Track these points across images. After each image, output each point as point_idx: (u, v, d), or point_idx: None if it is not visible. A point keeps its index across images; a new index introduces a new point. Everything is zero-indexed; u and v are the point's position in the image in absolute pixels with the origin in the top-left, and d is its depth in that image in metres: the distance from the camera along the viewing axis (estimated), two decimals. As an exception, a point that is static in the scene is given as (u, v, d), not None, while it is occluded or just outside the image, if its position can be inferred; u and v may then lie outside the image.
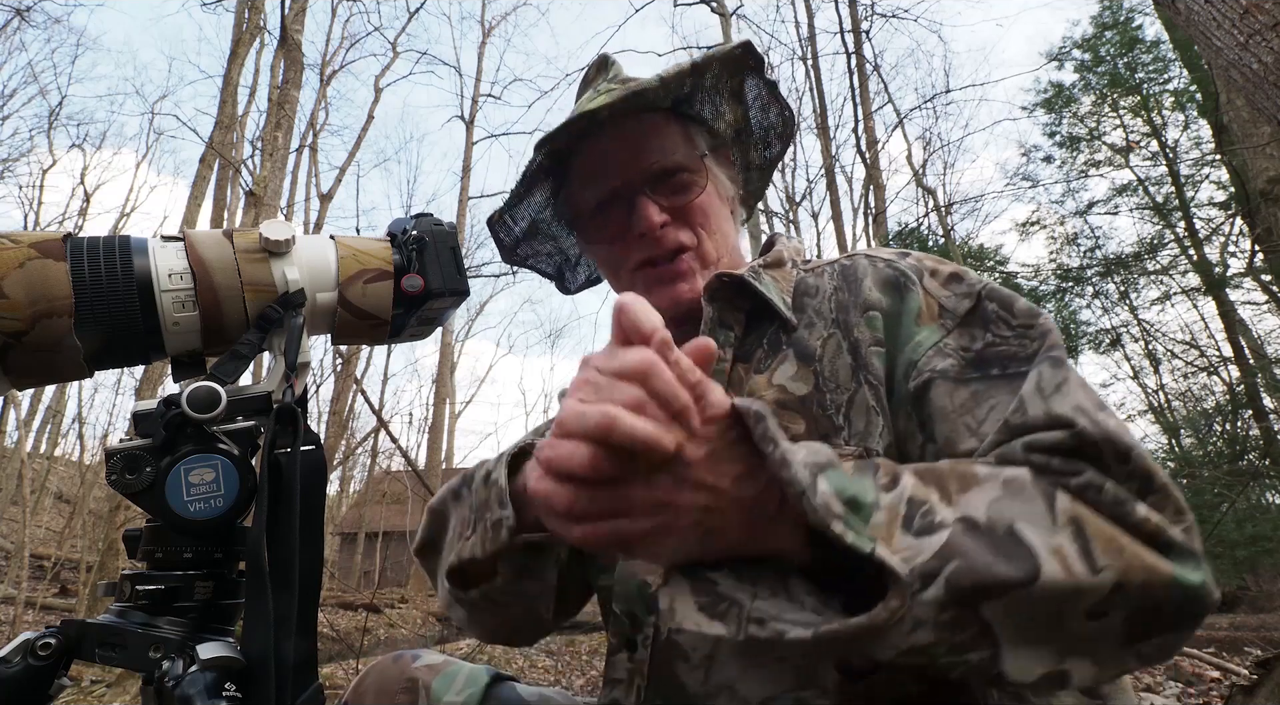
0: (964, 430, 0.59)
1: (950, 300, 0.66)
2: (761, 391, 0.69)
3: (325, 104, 17.72)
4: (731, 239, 0.83)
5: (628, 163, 0.78)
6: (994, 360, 0.61)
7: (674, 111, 0.82)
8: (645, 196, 0.77)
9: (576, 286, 1.03)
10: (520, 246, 0.95)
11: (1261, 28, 2.27)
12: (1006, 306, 0.63)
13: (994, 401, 0.58)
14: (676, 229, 0.78)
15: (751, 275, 0.74)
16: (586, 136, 0.80)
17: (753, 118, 0.87)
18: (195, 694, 0.48)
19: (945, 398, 0.61)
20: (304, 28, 7.92)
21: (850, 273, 0.73)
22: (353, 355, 14.08)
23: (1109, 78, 12.78)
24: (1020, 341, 0.61)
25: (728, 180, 0.85)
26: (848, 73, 9.33)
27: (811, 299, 0.74)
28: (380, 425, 17.69)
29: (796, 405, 0.67)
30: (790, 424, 0.66)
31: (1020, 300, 0.64)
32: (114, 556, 6.47)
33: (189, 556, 0.56)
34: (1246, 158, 5.54)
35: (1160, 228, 12.36)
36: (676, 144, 0.80)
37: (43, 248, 0.54)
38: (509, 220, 0.90)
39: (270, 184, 7.18)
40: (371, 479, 22.54)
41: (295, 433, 0.57)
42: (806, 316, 0.72)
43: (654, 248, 0.78)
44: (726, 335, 0.73)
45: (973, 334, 0.63)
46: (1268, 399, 8.49)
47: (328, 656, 6.19)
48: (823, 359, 0.68)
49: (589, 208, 0.82)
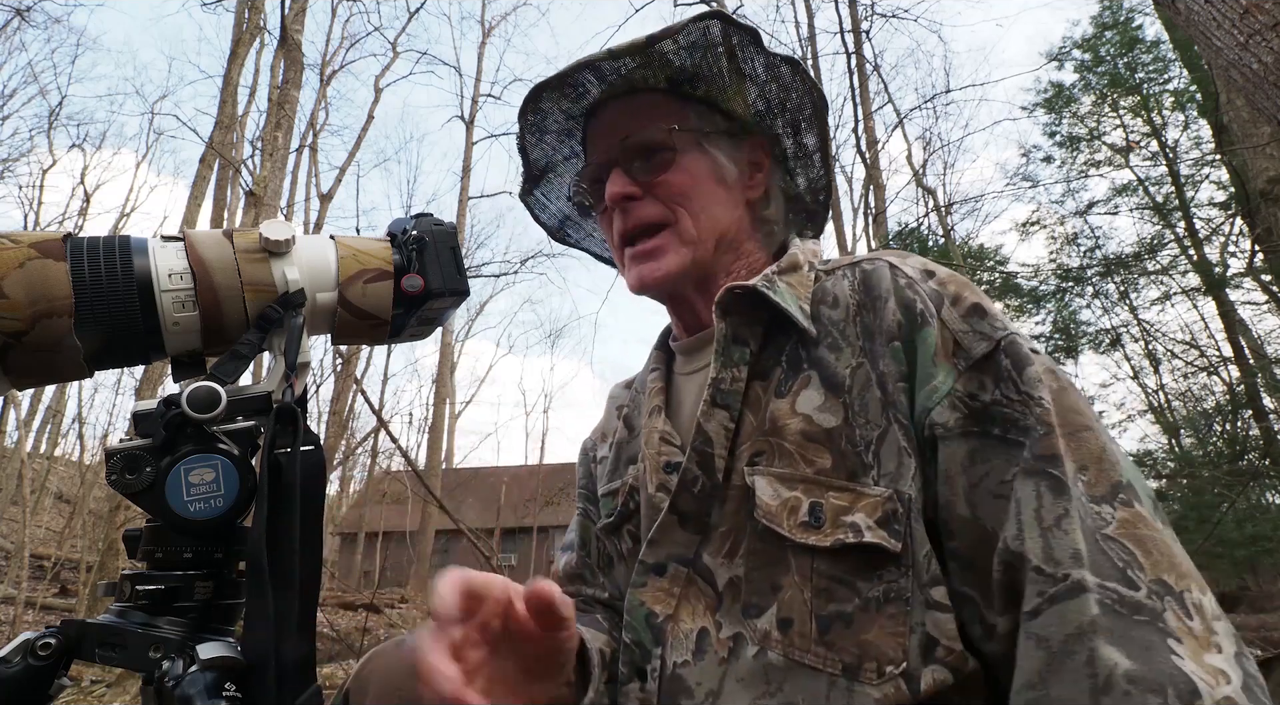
0: (960, 495, 0.59)
1: (968, 338, 0.63)
2: (785, 421, 0.66)
3: (325, 104, 17.72)
4: (724, 225, 0.78)
5: (609, 137, 0.78)
6: (996, 420, 0.59)
7: (674, 92, 0.79)
8: (617, 169, 0.76)
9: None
10: (567, 227, 0.96)
11: (1261, 28, 2.27)
12: (1019, 367, 0.60)
13: (989, 467, 0.58)
14: (647, 204, 0.76)
15: (765, 284, 0.70)
16: (592, 116, 0.82)
17: (769, 99, 0.81)
18: (195, 694, 0.48)
19: (948, 458, 0.60)
20: (304, 28, 7.92)
21: (873, 286, 0.68)
22: (353, 355, 14.08)
23: (1109, 78, 12.77)
24: (1023, 409, 0.58)
25: (734, 164, 0.80)
26: (848, 73, 9.31)
27: (831, 309, 0.70)
28: (380, 425, 17.69)
29: (824, 438, 0.64)
30: (816, 457, 0.64)
31: (1033, 366, 0.60)
32: (114, 556, 6.47)
33: (189, 556, 0.56)
34: (1246, 158, 5.54)
35: (1160, 228, 12.35)
36: (658, 120, 0.77)
37: (43, 248, 0.54)
38: (542, 198, 0.92)
39: (270, 184, 7.18)
40: (371, 479, 22.53)
41: (295, 433, 0.57)
42: (826, 330, 0.69)
43: (624, 222, 0.77)
44: (742, 352, 0.70)
45: (982, 382, 0.61)
46: (1268, 399, 8.48)
47: (328, 656, 6.19)
48: (852, 390, 0.65)
49: (581, 184, 0.83)
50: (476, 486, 22.57)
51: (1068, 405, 0.59)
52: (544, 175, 0.89)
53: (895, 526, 0.59)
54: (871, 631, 0.58)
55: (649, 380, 0.84)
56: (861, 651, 0.58)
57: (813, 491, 0.62)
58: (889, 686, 0.56)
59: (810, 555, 0.61)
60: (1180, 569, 0.51)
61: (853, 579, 0.60)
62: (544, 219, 0.94)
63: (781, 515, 0.63)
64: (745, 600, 0.64)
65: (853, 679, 0.57)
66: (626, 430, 0.88)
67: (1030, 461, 0.56)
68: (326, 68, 17.49)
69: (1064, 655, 0.49)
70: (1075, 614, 0.49)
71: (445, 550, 19.90)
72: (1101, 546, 0.52)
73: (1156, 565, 0.51)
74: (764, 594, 0.63)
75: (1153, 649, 0.47)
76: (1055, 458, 0.56)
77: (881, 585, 0.59)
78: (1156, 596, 0.49)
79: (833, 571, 0.60)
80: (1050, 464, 0.55)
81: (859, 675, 0.57)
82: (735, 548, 0.66)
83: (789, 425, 0.66)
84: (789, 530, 0.62)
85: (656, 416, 0.79)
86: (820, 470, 0.63)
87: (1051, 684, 0.49)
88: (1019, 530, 0.54)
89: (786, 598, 0.61)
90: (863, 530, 0.59)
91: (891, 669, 0.56)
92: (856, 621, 0.58)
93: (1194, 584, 0.51)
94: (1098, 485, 0.55)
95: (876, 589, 0.59)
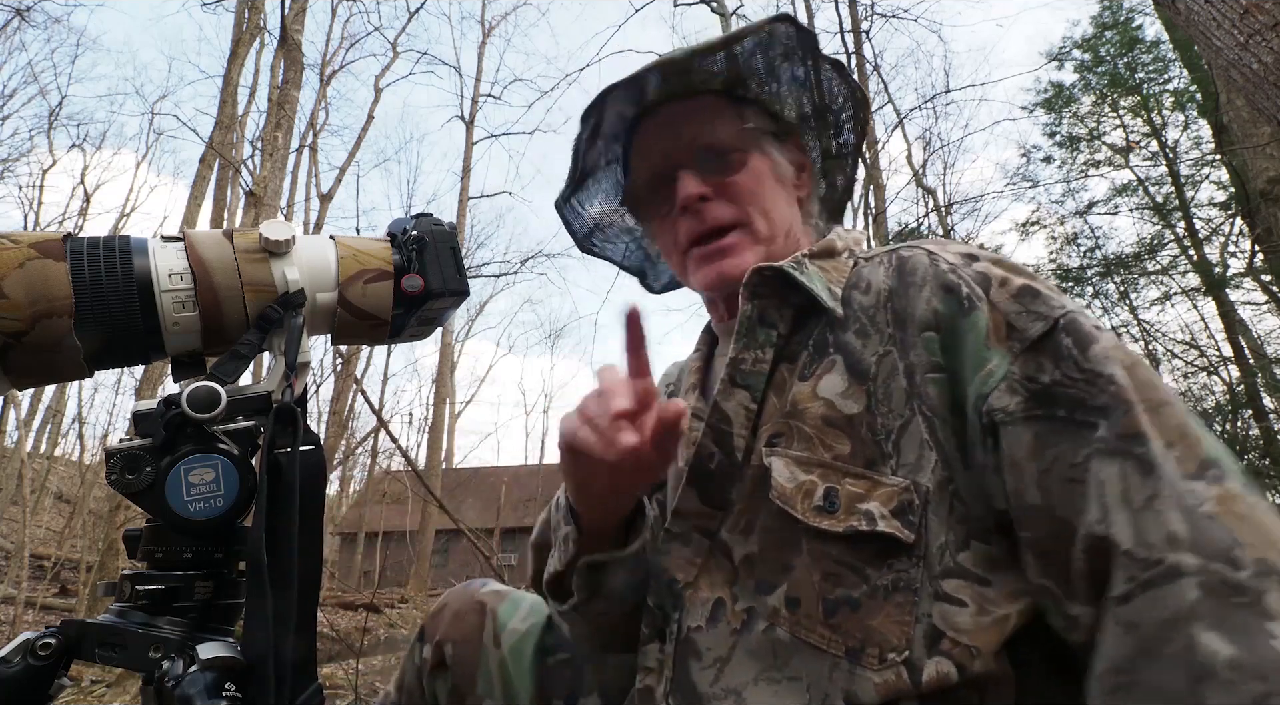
0: (1030, 483, 0.56)
1: (1021, 318, 0.60)
2: (806, 404, 0.67)
3: (325, 104, 17.71)
4: (788, 223, 0.80)
5: (673, 140, 0.78)
6: (1060, 401, 0.57)
7: (729, 94, 0.81)
8: (686, 171, 0.76)
9: (660, 285, 1.02)
10: (595, 236, 0.96)
11: (1261, 28, 2.27)
12: (1083, 345, 0.57)
13: (1057, 451, 0.56)
14: (720, 205, 0.77)
15: (793, 266, 0.70)
16: (641, 120, 0.82)
17: (818, 101, 0.84)
18: (195, 694, 0.48)
19: (1013, 444, 0.57)
20: (304, 28, 7.92)
21: (908, 273, 0.67)
22: (353, 355, 14.08)
23: (1109, 78, 12.76)
24: (1089, 387, 0.56)
25: (789, 164, 0.82)
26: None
27: (863, 295, 0.69)
28: (380, 425, 17.70)
29: (844, 424, 0.64)
30: (835, 443, 0.64)
31: (1099, 343, 0.57)
32: (114, 556, 6.47)
33: (189, 556, 0.56)
34: (1246, 158, 5.54)
35: (1160, 228, 12.34)
36: (724, 122, 0.79)
37: (43, 248, 0.54)
38: (577, 205, 0.91)
39: (270, 184, 7.18)
40: (371, 479, 22.52)
41: (295, 433, 0.57)
42: (855, 315, 0.68)
43: (698, 223, 0.77)
44: (768, 333, 0.71)
45: (1040, 363, 0.58)
46: (1268, 399, 8.49)
47: (328, 656, 6.19)
48: (877, 378, 0.64)
49: (641, 187, 0.82)
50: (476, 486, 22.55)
51: (1144, 380, 0.56)
52: (585, 180, 0.89)
53: (910, 517, 0.59)
54: (877, 618, 0.58)
55: (690, 360, 0.88)
56: (865, 636, 0.58)
57: (829, 477, 0.63)
58: (889, 673, 0.56)
59: (822, 540, 0.62)
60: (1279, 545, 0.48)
61: (863, 566, 0.60)
62: (577, 226, 0.94)
63: (796, 498, 0.63)
64: (759, 576, 0.65)
65: (855, 662, 0.58)
66: None
67: (1111, 441, 0.54)
68: (326, 68, 17.49)
69: (1159, 642, 0.47)
70: (1173, 600, 0.47)
71: (445, 550, 19.91)
72: (1202, 526, 0.49)
73: (1258, 544, 0.48)
74: (775, 572, 0.64)
75: (1252, 633, 0.45)
76: (1139, 436, 0.53)
77: (891, 574, 0.59)
78: (1261, 576, 0.47)
79: (843, 557, 0.61)
80: (1134, 442, 0.53)
81: (861, 659, 0.57)
82: (751, 525, 0.67)
83: (810, 409, 0.66)
84: (802, 514, 0.63)
85: (691, 394, 0.81)
86: (838, 456, 0.63)
87: (1142, 670, 0.47)
88: (1103, 514, 0.52)
89: (796, 578, 0.62)
90: (876, 519, 0.59)
91: (894, 656, 0.57)
92: (863, 607, 0.59)
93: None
94: (1187, 462, 0.52)
95: (886, 578, 0.59)
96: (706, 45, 0.74)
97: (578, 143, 0.82)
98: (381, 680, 6.10)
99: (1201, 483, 0.51)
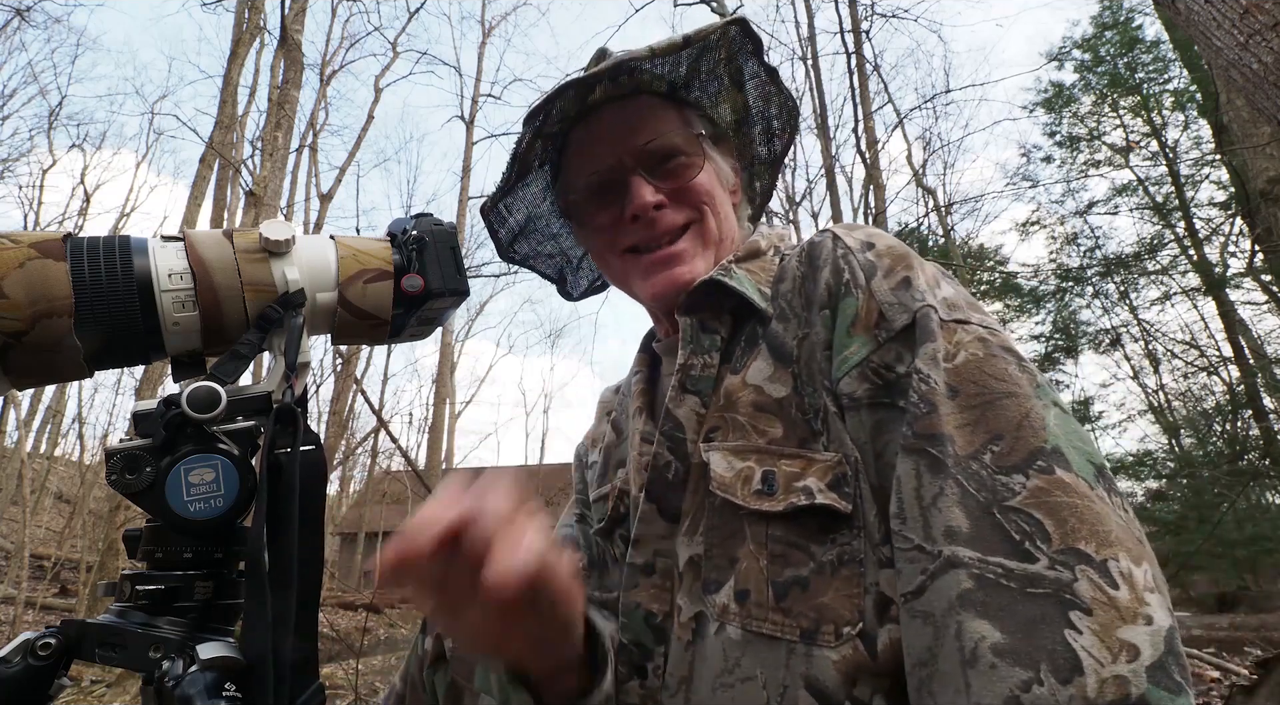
0: (870, 467, 0.59)
1: (892, 309, 0.62)
2: (738, 394, 0.67)
3: (325, 104, 17.73)
4: (733, 228, 0.80)
5: (620, 142, 0.76)
6: (898, 392, 0.59)
7: (671, 97, 0.80)
8: (639, 177, 0.75)
9: (579, 292, 1.00)
10: (519, 243, 0.92)
11: (1261, 28, 2.27)
12: (920, 341, 0.59)
13: (888, 438, 0.58)
14: (675, 210, 0.76)
15: (721, 273, 0.71)
16: (581, 120, 0.79)
17: (753, 106, 0.84)
18: (195, 694, 0.48)
19: (856, 427, 0.60)
20: (304, 28, 7.92)
21: (814, 257, 0.69)
22: (353, 355, 14.08)
23: (1109, 78, 12.78)
24: (914, 384, 0.57)
25: (729, 170, 0.83)
26: (848, 73, 9.31)
27: (785, 285, 0.71)
28: (380, 425, 17.71)
29: (774, 407, 0.65)
30: (768, 427, 0.65)
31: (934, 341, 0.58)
32: (114, 556, 6.47)
33: (189, 556, 0.56)
34: (1246, 158, 5.54)
35: (1160, 228, 12.36)
36: (673, 125, 0.77)
37: (43, 248, 0.54)
38: (504, 210, 0.88)
39: (270, 184, 7.18)
40: (371, 479, 22.54)
41: (295, 433, 0.57)
42: (779, 306, 0.70)
43: (648, 230, 0.75)
44: (712, 339, 0.72)
45: (899, 354, 0.60)
46: (1268, 399, 8.49)
47: (328, 656, 6.19)
48: (800, 359, 0.66)
49: (581, 191, 0.79)
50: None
51: (990, 372, 0.56)
52: (519, 182, 0.85)
53: (845, 489, 0.60)
54: (827, 594, 0.58)
55: (633, 383, 0.85)
56: (819, 615, 0.57)
57: (765, 460, 0.63)
58: (847, 648, 0.56)
59: (765, 522, 0.62)
60: (1106, 536, 0.48)
61: (806, 543, 0.60)
62: (503, 233, 0.90)
63: (735, 485, 0.64)
64: (705, 577, 0.64)
65: (810, 643, 0.57)
66: (614, 434, 0.88)
67: (910, 439, 0.56)
68: (326, 68, 17.50)
69: (943, 630, 0.49)
70: (950, 588, 0.50)
71: (445, 550, 19.80)
72: (994, 520, 0.50)
73: (1071, 534, 0.48)
74: (722, 569, 0.63)
75: (1040, 622, 0.46)
76: (935, 436, 0.54)
77: (835, 548, 0.59)
78: (1063, 566, 0.47)
79: (787, 536, 0.61)
80: (929, 442, 0.55)
81: (816, 639, 0.57)
82: (696, 525, 0.67)
83: (741, 398, 0.67)
84: (743, 499, 0.63)
85: (638, 417, 0.79)
86: (772, 440, 0.64)
87: (940, 659, 0.49)
88: (899, 508, 0.55)
89: (743, 569, 0.62)
90: (815, 493, 0.60)
91: (849, 630, 0.56)
92: (812, 585, 0.58)
93: (1123, 552, 0.48)
94: (1011, 454, 0.52)
95: (830, 552, 0.59)
96: (669, 45, 0.72)
97: (519, 144, 0.78)
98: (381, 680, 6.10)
99: (1020, 475, 0.52)
